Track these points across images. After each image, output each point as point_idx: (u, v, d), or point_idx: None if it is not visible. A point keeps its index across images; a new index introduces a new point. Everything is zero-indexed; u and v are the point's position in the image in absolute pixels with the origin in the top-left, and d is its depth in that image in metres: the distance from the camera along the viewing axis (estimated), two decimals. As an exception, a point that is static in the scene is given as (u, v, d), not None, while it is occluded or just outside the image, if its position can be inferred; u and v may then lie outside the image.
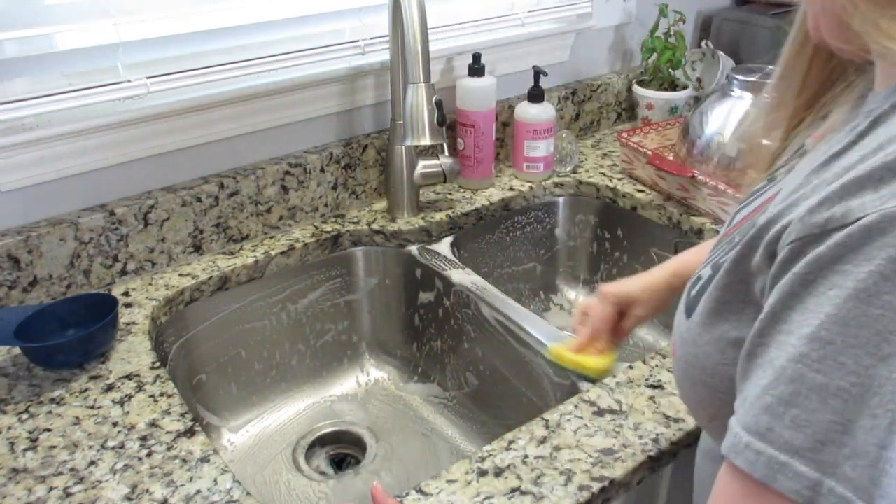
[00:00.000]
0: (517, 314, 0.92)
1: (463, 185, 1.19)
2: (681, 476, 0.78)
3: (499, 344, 0.95)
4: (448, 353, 1.07)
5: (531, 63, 1.19)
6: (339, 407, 1.09)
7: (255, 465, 0.98)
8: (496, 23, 1.19)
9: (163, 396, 0.75)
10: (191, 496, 0.64)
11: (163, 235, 0.96)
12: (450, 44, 1.15)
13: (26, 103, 0.82)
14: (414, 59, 0.80)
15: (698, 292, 0.51)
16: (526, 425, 0.71)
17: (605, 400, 0.74)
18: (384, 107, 1.12)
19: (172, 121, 0.94)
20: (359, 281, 1.11)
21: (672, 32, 1.32)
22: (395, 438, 1.03)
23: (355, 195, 1.12)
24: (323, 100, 1.06)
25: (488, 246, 1.18)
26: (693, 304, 0.51)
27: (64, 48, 0.86)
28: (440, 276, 1.03)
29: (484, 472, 0.66)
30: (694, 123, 1.16)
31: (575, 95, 1.34)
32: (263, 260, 1.00)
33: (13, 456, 0.68)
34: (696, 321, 0.50)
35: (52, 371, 0.79)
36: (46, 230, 0.87)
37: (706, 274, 0.51)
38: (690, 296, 0.52)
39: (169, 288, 0.93)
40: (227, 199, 1.00)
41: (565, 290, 1.30)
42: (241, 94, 0.97)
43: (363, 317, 1.14)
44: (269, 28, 0.99)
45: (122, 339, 0.84)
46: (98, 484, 0.65)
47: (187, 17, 0.93)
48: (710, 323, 0.48)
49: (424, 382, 1.11)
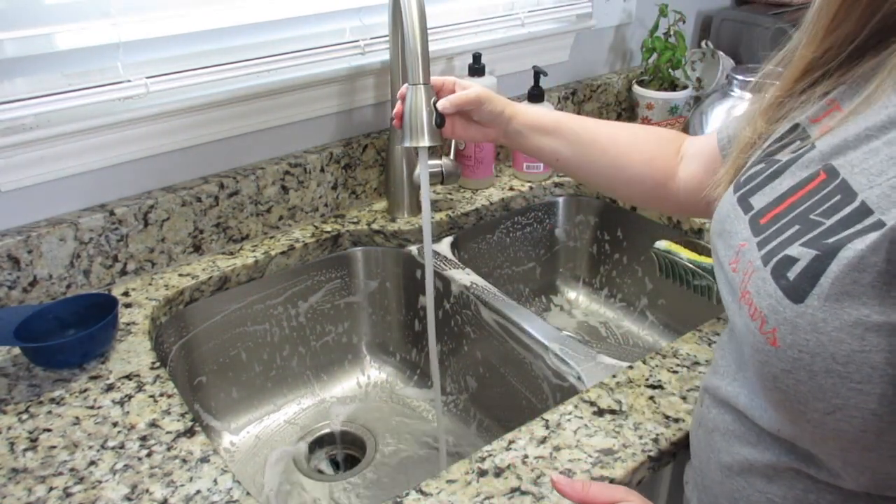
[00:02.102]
0: (517, 315, 0.92)
1: (463, 185, 1.19)
2: (681, 476, 0.78)
3: (499, 345, 0.95)
4: (448, 355, 1.07)
5: (531, 63, 1.19)
6: (339, 407, 1.09)
7: (255, 466, 0.98)
8: (496, 23, 1.20)
9: (163, 396, 0.75)
10: (191, 496, 0.64)
11: (163, 235, 0.96)
12: (450, 44, 1.15)
13: (26, 103, 0.82)
14: (413, 60, 0.80)
15: (802, 275, 0.47)
16: (526, 425, 0.71)
17: (605, 400, 0.74)
18: (384, 107, 1.12)
19: (172, 121, 0.94)
20: (359, 282, 1.11)
21: (672, 32, 1.32)
22: (395, 439, 1.03)
23: (355, 195, 1.12)
24: (323, 100, 1.06)
25: (488, 246, 1.18)
26: (800, 287, 0.47)
27: (64, 48, 0.86)
28: (440, 277, 1.03)
29: (484, 472, 0.66)
30: (694, 123, 1.16)
31: (575, 95, 1.34)
32: (263, 260, 1.00)
33: (13, 456, 0.68)
34: (815, 306, 0.46)
35: (52, 371, 0.79)
36: (46, 230, 0.87)
37: (805, 255, 0.48)
38: (787, 279, 0.48)
39: (169, 288, 0.93)
40: (227, 199, 1.00)
41: (565, 291, 1.30)
42: (241, 94, 0.97)
43: (363, 318, 1.14)
44: (269, 28, 0.99)
45: (122, 339, 0.84)
46: (98, 484, 0.65)
47: (187, 17, 0.93)
48: (842, 308, 0.45)
49: (424, 383, 1.11)
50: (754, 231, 0.54)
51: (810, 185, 0.52)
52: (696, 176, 0.79)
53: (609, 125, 0.86)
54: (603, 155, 0.83)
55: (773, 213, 0.54)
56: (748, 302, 0.52)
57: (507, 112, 0.84)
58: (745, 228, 0.56)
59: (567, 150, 0.84)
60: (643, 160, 0.82)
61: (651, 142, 0.84)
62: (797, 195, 0.52)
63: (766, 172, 0.57)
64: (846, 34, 0.54)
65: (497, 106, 0.83)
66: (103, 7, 0.86)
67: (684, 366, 0.78)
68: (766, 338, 0.49)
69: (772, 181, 0.56)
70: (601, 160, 0.84)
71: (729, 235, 0.58)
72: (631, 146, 0.83)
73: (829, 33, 0.55)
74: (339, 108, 1.08)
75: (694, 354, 0.80)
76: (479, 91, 0.83)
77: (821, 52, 0.56)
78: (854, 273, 0.44)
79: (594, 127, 0.85)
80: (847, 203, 0.47)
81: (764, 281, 0.50)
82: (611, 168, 0.83)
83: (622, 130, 0.85)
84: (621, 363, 0.81)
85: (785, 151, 0.57)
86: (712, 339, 0.82)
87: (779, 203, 0.54)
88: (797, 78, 0.58)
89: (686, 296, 1.08)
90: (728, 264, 0.57)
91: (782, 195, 0.54)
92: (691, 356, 0.80)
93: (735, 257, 0.56)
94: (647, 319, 1.21)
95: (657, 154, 0.82)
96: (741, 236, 0.56)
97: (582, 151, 0.84)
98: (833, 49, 0.55)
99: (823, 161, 0.52)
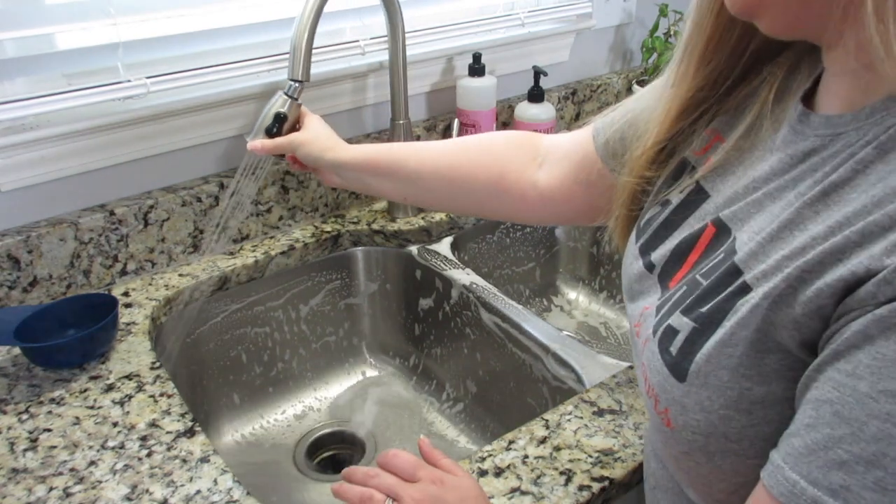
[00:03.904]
0: (518, 315, 0.92)
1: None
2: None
3: (499, 346, 0.95)
4: (448, 355, 1.07)
5: (531, 63, 1.19)
6: (339, 408, 1.09)
7: (255, 466, 0.98)
8: (496, 23, 1.20)
9: (163, 396, 0.75)
10: (191, 496, 0.64)
11: (163, 235, 0.96)
12: (450, 44, 1.15)
13: (26, 103, 0.82)
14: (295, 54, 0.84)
15: (682, 350, 0.45)
16: (526, 425, 0.71)
17: (605, 400, 0.74)
18: (384, 107, 1.12)
19: (172, 121, 0.94)
20: (359, 282, 1.11)
21: (672, 32, 1.32)
22: (395, 439, 1.03)
23: (355, 195, 1.12)
24: (323, 100, 1.06)
25: (488, 246, 1.18)
26: (681, 365, 0.45)
27: (64, 48, 0.86)
28: (440, 277, 1.03)
29: (484, 472, 0.66)
30: (694, 123, 1.16)
31: (575, 95, 1.34)
32: (263, 260, 1.00)
33: (13, 456, 0.68)
34: (697, 384, 0.44)
35: (52, 371, 0.79)
36: (46, 230, 0.87)
37: (684, 326, 0.46)
38: (670, 354, 0.46)
39: (169, 288, 0.93)
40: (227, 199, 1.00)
41: (565, 291, 1.30)
42: (241, 94, 0.97)
43: (363, 318, 1.14)
44: (269, 28, 0.99)
45: (122, 339, 0.84)
46: (98, 484, 0.65)
47: (187, 17, 0.93)
48: (724, 384, 0.43)
49: (424, 384, 1.11)
50: (662, 294, 0.52)
51: (702, 240, 0.50)
52: (563, 183, 0.75)
53: (452, 147, 0.83)
54: (449, 185, 0.81)
55: (679, 275, 0.51)
56: (644, 375, 0.50)
57: (329, 156, 0.84)
58: (654, 290, 0.53)
59: (411, 189, 0.83)
60: (491, 179, 0.79)
61: (498, 156, 0.79)
62: (696, 252, 0.50)
63: (661, 219, 0.55)
64: (719, 72, 0.53)
65: (313, 151, 0.84)
66: (103, 7, 0.86)
67: (684, 366, 0.78)
68: (661, 418, 0.48)
69: (668, 232, 0.54)
70: (449, 190, 0.82)
71: (638, 296, 0.56)
72: (474, 167, 0.80)
73: (700, 71, 0.53)
74: (339, 107, 1.08)
75: (694, 354, 0.80)
76: (296, 136, 0.85)
77: (692, 92, 0.54)
78: (727, 349, 0.43)
79: (434, 157, 0.81)
80: (725, 262, 0.46)
81: (653, 354, 0.48)
82: (460, 196, 0.82)
83: (463, 152, 0.81)
84: (621, 363, 0.81)
85: (674, 191, 0.55)
86: (712, 339, 0.82)
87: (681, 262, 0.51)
88: (674, 119, 0.56)
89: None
90: (633, 326, 0.55)
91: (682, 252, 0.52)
92: (691, 356, 0.80)
93: (638, 320, 0.54)
94: (647, 319, 1.21)
95: (506, 168, 0.78)
96: (649, 300, 0.54)
97: (427, 188, 0.82)
98: (706, 87, 0.53)
99: (716, 213, 0.50)
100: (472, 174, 0.79)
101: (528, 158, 0.78)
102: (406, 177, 0.83)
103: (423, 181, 0.82)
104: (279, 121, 0.86)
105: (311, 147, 0.85)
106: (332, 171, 0.87)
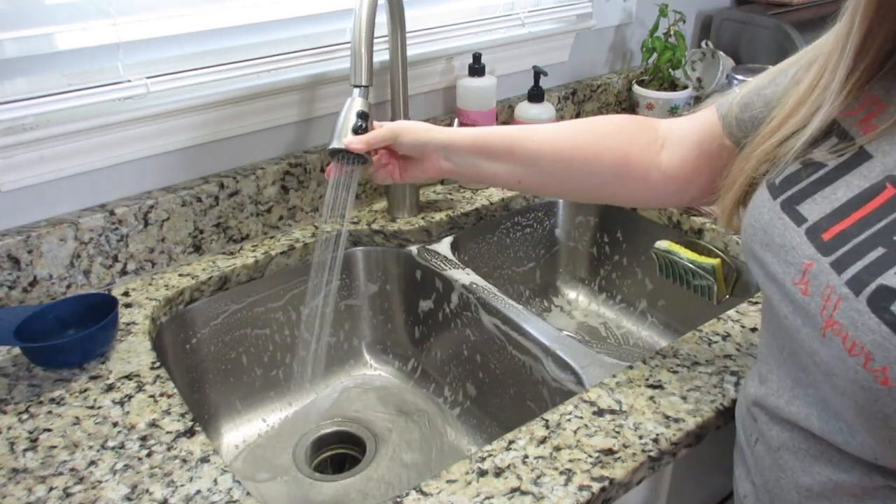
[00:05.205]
0: (518, 316, 0.92)
1: (463, 185, 1.19)
2: (681, 476, 0.78)
3: (499, 346, 0.95)
4: (448, 355, 1.07)
5: (531, 63, 1.19)
6: (339, 408, 1.09)
7: (255, 466, 0.98)
8: (496, 23, 1.20)
9: (163, 396, 0.75)
10: (191, 496, 0.64)
11: (163, 235, 0.96)
12: (450, 44, 1.15)
13: (26, 103, 0.82)
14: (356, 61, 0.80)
15: None
16: (526, 425, 0.71)
17: (605, 400, 0.74)
18: (384, 107, 1.12)
19: (172, 121, 0.94)
20: (359, 282, 1.11)
21: (672, 32, 1.32)
22: (395, 439, 1.03)
23: (355, 195, 1.12)
24: (323, 100, 1.06)
25: (488, 246, 1.18)
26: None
27: (64, 48, 0.86)
28: (440, 277, 1.03)
29: (484, 472, 0.66)
30: (694, 123, 1.16)
31: (575, 95, 1.34)
32: (263, 260, 1.00)
33: (13, 456, 0.68)
34: None
35: (52, 371, 0.79)
36: (46, 230, 0.87)
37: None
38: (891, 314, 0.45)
39: (169, 288, 0.93)
40: (227, 199, 1.00)
41: (565, 292, 1.30)
42: (241, 94, 0.97)
43: (363, 318, 1.14)
44: (269, 28, 0.99)
45: (122, 339, 0.84)
46: (98, 484, 0.65)
47: (187, 17, 0.93)
48: None
49: (425, 384, 1.11)
50: (820, 248, 0.50)
51: (877, 199, 0.48)
52: (686, 161, 0.72)
53: (568, 130, 0.76)
54: (569, 167, 0.74)
55: (837, 228, 0.50)
56: (839, 334, 0.48)
57: (436, 140, 0.76)
58: (804, 243, 0.52)
59: (528, 171, 0.76)
60: (615, 161, 0.73)
61: (620, 137, 0.74)
62: (864, 210, 0.49)
63: (811, 178, 0.54)
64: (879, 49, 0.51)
65: (420, 136, 0.76)
66: (103, 7, 0.86)
67: (684, 366, 0.78)
68: (875, 376, 0.46)
69: (821, 188, 0.52)
70: (568, 173, 0.75)
71: (783, 250, 0.54)
72: (598, 148, 0.74)
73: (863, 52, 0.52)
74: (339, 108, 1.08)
75: (694, 354, 0.80)
76: (393, 125, 0.77)
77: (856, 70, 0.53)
78: None
79: (552, 137, 0.75)
80: None
81: (860, 313, 0.47)
82: (581, 179, 0.75)
83: (584, 133, 0.75)
84: (621, 363, 0.81)
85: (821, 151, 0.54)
86: (713, 340, 0.82)
87: (841, 217, 0.50)
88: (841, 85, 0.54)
89: (686, 296, 1.08)
90: (791, 283, 0.53)
91: (843, 208, 0.50)
92: (691, 356, 0.80)
93: (801, 277, 0.52)
94: (647, 320, 1.21)
95: (630, 149, 0.73)
96: (803, 253, 0.52)
97: (545, 170, 0.75)
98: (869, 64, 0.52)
99: (887, 174, 0.49)
100: (596, 156, 0.74)
101: (650, 139, 0.74)
102: (524, 158, 0.75)
103: (541, 163, 0.75)
104: (364, 118, 0.80)
105: (416, 130, 0.76)
106: (441, 156, 0.77)
